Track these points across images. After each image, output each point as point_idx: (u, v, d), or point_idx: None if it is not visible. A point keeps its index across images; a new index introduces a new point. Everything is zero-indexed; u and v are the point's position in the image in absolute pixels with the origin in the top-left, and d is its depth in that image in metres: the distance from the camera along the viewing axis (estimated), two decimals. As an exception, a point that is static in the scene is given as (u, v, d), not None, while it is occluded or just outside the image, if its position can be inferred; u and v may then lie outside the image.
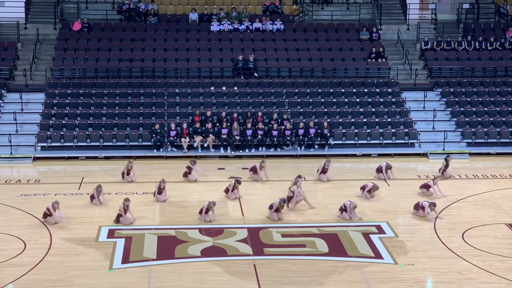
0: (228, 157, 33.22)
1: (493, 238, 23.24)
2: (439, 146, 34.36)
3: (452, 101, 36.83)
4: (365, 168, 31.52)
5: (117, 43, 39.18)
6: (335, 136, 34.23)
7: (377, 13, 42.15)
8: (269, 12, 41.69)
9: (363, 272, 20.42)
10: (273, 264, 20.93)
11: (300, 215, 24.90)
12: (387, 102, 36.59)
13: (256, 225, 24.09)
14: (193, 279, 19.92)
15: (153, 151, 33.23)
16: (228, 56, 38.65)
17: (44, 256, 21.36)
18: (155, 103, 36.01)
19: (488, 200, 27.11)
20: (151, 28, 40.43)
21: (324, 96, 36.80)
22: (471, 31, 41.36)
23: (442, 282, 19.92)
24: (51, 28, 40.49)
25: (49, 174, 30.93)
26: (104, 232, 23.39)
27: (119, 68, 37.53)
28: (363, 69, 38.30)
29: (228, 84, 37.26)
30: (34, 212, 25.03)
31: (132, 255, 21.50)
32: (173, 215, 25.10)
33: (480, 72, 38.81)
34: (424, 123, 35.78)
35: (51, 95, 35.96)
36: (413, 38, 41.35)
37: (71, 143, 33.51)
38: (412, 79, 38.34)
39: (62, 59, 37.84)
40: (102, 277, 19.98)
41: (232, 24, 40.60)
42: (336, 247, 22.25)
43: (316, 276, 20.12)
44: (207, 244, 22.41)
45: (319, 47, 39.60)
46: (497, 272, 20.45)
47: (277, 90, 36.96)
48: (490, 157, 33.71)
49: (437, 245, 22.58)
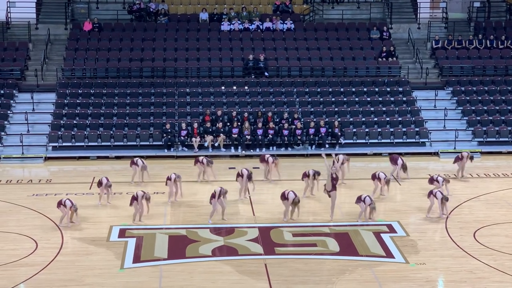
0: (239, 156, 33.24)
1: (505, 237, 23.16)
2: (450, 145, 34.28)
3: (463, 100, 36.73)
4: (376, 167, 31.44)
5: (128, 43, 39.25)
6: (345, 135, 34.21)
7: (387, 12, 42.07)
8: (280, 12, 41.68)
9: (374, 272, 20.39)
10: (284, 264, 20.93)
11: (311, 215, 24.86)
12: (398, 101, 36.52)
13: (267, 224, 24.09)
14: (204, 278, 19.93)
15: (164, 151, 33.29)
16: (239, 55, 38.66)
17: (55, 256, 21.42)
18: (165, 103, 36.06)
19: (500, 199, 27.03)
20: (162, 28, 40.49)
21: (335, 96, 36.77)
22: (482, 29, 41.23)
23: (453, 281, 19.87)
24: (62, 28, 40.60)
25: (60, 174, 31.01)
26: (115, 231, 23.44)
27: (130, 68, 37.60)
28: (374, 68, 38.25)
29: (238, 84, 37.28)
30: (46, 212, 25.11)
31: (143, 255, 21.53)
32: (184, 215, 25.12)
33: (491, 70, 38.69)
34: (435, 122, 35.71)
35: (62, 95, 36.07)
36: (424, 36, 41.25)
37: (82, 143, 33.61)
38: (423, 78, 38.27)
39: (73, 59, 37.95)
40: (114, 277, 20.02)
41: (242, 23, 40.61)
42: (347, 247, 22.22)
43: (327, 276, 20.11)
44: (218, 243, 22.42)
45: (329, 46, 39.56)
46: (508, 271, 20.38)
47: (287, 89, 36.96)
48: (501, 156, 33.61)
49: (449, 244, 22.52)
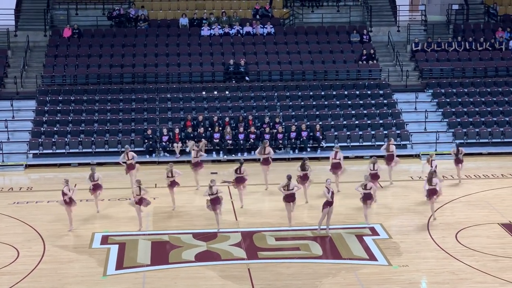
0: (220, 161, 33.24)
1: (486, 238, 23.29)
2: (431, 147, 34.43)
3: (444, 102, 36.91)
4: (358, 170, 31.41)
5: (108, 49, 39.15)
6: (327, 138, 34.28)
7: (367, 15, 42.21)
8: (259, 16, 41.71)
9: (357, 274, 20.44)
10: (267, 268, 20.94)
11: (293, 219, 24.86)
12: (379, 104, 36.64)
13: (249, 229, 24.08)
14: (188, 284, 19.91)
15: (146, 157, 33.20)
16: (219, 60, 38.66)
17: (37, 264, 21.31)
18: (146, 109, 35.99)
19: (481, 200, 27.18)
20: (142, 33, 40.42)
21: (316, 99, 36.84)
22: (461, 31, 41.47)
23: (436, 283, 19.95)
24: (42, 35, 40.42)
25: (42, 182, 30.87)
26: (97, 238, 23.37)
27: (110, 74, 37.49)
28: (354, 71, 38.36)
29: (219, 89, 37.27)
30: (27, 220, 25.00)
31: (126, 261, 21.47)
32: (166, 220, 25.07)
33: (470, 72, 38.90)
34: (416, 124, 35.86)
35: (42, 102, 35.90)
36: (404, 39, 41.43)
37: (63, 150, 33.46)
38: (403, 80, 38.42)
39: (53, 66, 37.79)
40: (96, 284, 19.95)
41: (222, 28, 40.61)
42: (330, 250, 22.27)
43: (310, 279, 20.13)
44: (201, 248, 22.41)
45: (310, 50, 39.64)
46: (490, 272, 20.50)
47: (268, 93, 37.00)
48: (482, 157, 33.80)
49: (431, 246, 22.62)
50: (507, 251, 22.08)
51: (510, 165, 32.52)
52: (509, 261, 21.37)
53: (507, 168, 31.98)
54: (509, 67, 38.90)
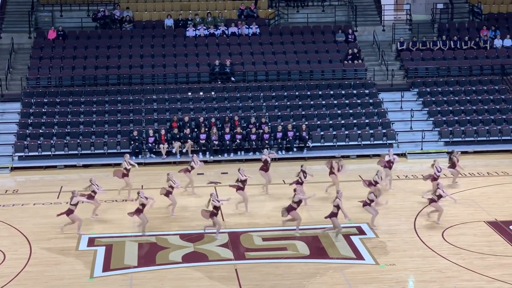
0: (207, 162, 33.18)
1: (472, 236, 23.39)
2: (417, 146, 34.54)
3: (429, 101, 37.03)
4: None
5: (93, 51, 39.04)
6: (313, 138, 34.31)
7: (352, 15, 42.29)
8: (245, 16, 41.71)
9: (345, 274, 20.47)
10: (255, 268, 20.93)
11: (281, 218, 24.85)
12: (365, 103, 36.71)
13: (236, 229, 24.07)
14: (175, 285, 19.88)
15: (132, 158, 33.08)
16: (205, 61, 38.63)
17: (24, 267, 21.23)
18: (132, 110, 35.92)
19: (467, 198, 27.28)
20: (127, 35, 40.33)
21: (302, 99, 36.87)
22: (446, 31, 41.61)
23: (423, 281, 20.01)
24: (26, 37, 40.26)
25: (27, 184, 30.75)
26: (84, 240, 23.29)
27: (96, 76, 37.40)
28: (340, 71, 38.42)
29: (205, 89, 37.24)
30: (13, 222, 24.89)
31: (113, 263, 21.42)
32: (153, 222, 25.00)
33: (455, 71, 39.05)
34: (401, 123, 35.95)
35: (27, 105, 35.76)
36: (389, 39, 41.53)
37: (48, 152, 33.33)
38: (388, 79, 38.51)
39: (38, 68, 37.64)
40: (83, 286, 19.90)
41: (207, 29, 40.58)
42: (318, 250, 22.29)
43: (297, 279, 20.14)
44: (188, 249, 22.38)
45: (295, 50, 39.66)
46: (477, 270, 20.58)
47: (254, 94, 37.00)
48: (467, 156, 33.87)
49: (418, 244, 22.68)
50: (493, 249, 22.18)
51: (495, 163, 32.68)
52: (495, 259, 21.46)
53: (493, 166, 32.12)
54: (494, 66, 39.06)
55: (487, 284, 19.70)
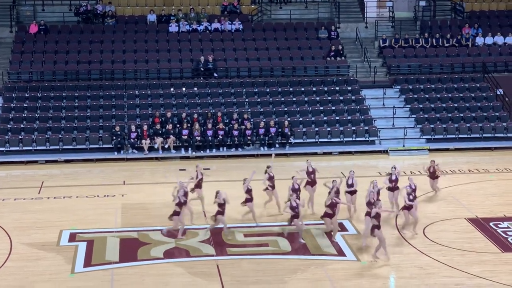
0: (189, 157, 33.14)
1: (453, 232, 23.50)
2: (399, 142, 34.65)
3: (411, 98, 37.16)
4: (327, 166, 31.62)
5: (75, 46, 38.84)
6: (295, 135, 34.33)
7: (335, 12, 42.33)
8: (228, 12, 41.65)
9: (326, 270, 20.52)
10: (236, 264, 20.93)
11: (262, 215, 24.88)
12: (347, 100, 36.78)
13: (218, 225, 24.00)
14: (156, 281, 19.84)
15: (114, 154, 33.03)
16: (188, 57, 38.55)
17: (4, 262, 21.11)
18: (114, 105, 35.80)
19: (448, 195, 27.40)
20: (109, 30, 40.17)
21: (284, 95, 36.89)
22: (428, 28, 41.75)
23: (404, 278, 20.09)
24: (7, 31, 40.00)
25: (8, 179, 30.57)
26: (65, 236, 23.19)
27: (78, 71, 37.23)
28: (322, 67, 38.46)
29: (187, 85, 37.17)
30: (-6, 217, 24.75)
31: (94, 259, 21.35)
32: (135, 217, 24.96)
33: (437, 68, 39.19)
34: (383, 120, 36.06)
35: (8, 99, 35.55)
36: (371, 36, 41.60)
37: (30, 147, 33.15)
38: (371, 76, 38.60)
39: (19, 62, 37.42)
40: (64, 282, 19.81)
41: (190, 24, 40.49)
42: (299, 246, 22.31)
43: (279, 275, 20.16)
44: (169, 245, 22.34)
45: (278, 46, 39.67)
46: (457, 266, 20.68)
47: (237, 90, 36.97)
48: (449, 153, 34.07)
49: (399, 240, 22.75)
50: (473, 246, 22.30)
51: (476, 160, 32.86)
52: (476, 255, 21.58)
53: (474, 163, 32.30)
54: (476, 63, 39.24)
55: (467, 281, 19.81)
